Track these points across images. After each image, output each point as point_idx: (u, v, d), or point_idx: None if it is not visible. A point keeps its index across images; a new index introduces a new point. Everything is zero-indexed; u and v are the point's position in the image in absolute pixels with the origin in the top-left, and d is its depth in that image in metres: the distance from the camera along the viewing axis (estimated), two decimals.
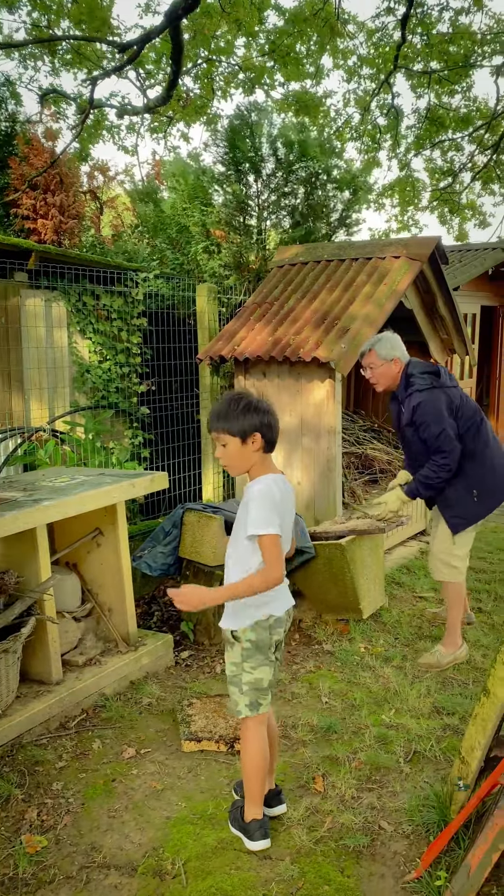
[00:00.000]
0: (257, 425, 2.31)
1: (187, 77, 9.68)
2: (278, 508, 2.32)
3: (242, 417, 2.30)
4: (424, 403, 3.77)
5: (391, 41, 9.18)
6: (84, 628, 3.80)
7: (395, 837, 2.53)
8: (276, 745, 2.65)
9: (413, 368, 3.90)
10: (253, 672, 2.44)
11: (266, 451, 2.37)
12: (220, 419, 2.32)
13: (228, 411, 2.32)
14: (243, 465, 2.38)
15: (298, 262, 5.87)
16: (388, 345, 3.93)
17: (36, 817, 2.65)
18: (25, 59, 10.03)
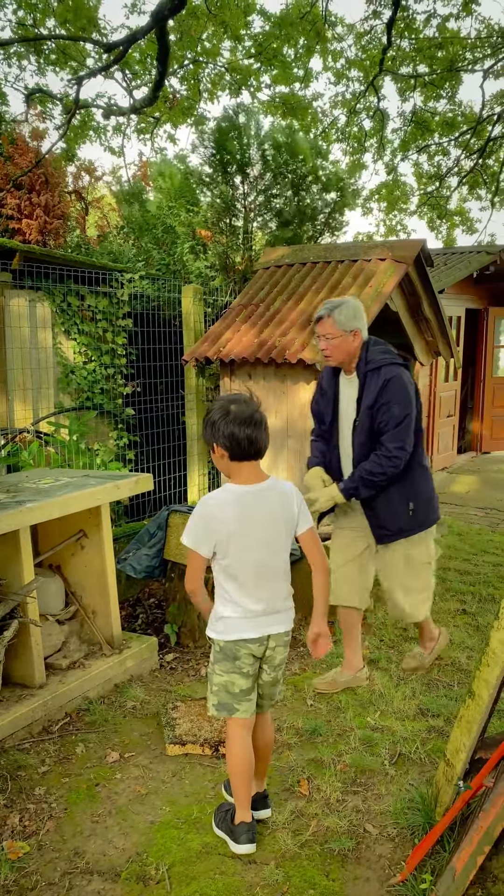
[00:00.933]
0: (218, 435, 2.32)
1: (174, 78, 9.67)
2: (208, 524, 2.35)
3: (211, 426, 2.34)
4: (397, 379, 3.25)
5: (379, 44, 9.21)
6: (68, 631, 3.77)
7: (380, 840, 2.52)
8: (265, 750, 2.64)
9: (376, 345, 3.39)
10: (222, 675, 2.46)
11: (234, 459, 2.34)
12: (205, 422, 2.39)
13: (207, 415, 2.38)
14: (221, 468, 2.42)
15: (284, 264, 5.87)
16: (349, 312, 3.31)
17: (18, 823, 2.62)
18: (11, 57, 9.98)
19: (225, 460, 2.35)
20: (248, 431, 2.30)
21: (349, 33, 9.41)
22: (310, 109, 9.75)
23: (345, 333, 3.29)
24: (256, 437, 2.32)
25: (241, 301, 5.75)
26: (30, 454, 4.99)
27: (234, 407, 2.31)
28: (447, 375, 9.52)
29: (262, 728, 2.61)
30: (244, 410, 2.31)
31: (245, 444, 2.31)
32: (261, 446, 2.35)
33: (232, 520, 2.33)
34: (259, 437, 2.33)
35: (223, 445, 2.32)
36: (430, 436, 9.18)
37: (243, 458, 2.34)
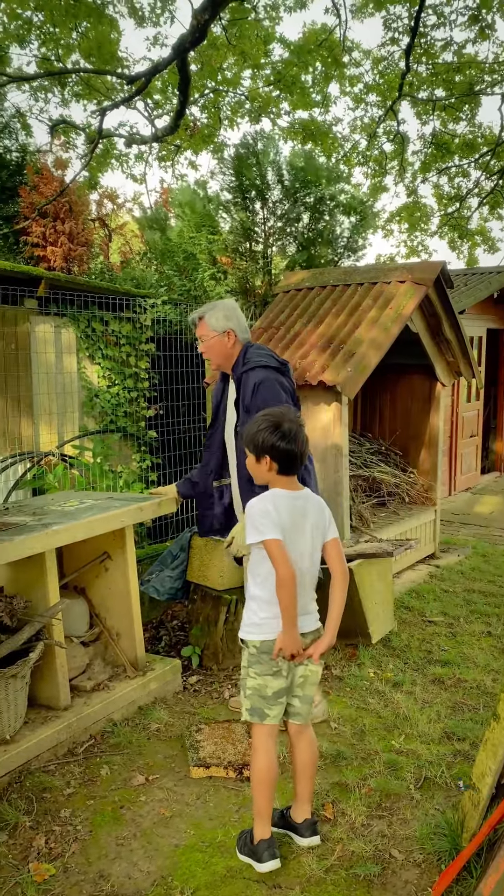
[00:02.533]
0: (268, 448, 2.43)
1: (194, 107, 9.86)
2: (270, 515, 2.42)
3: (261, 440, 2.44)
4: (267, 381, 3.26)
5: (397, 69, 9.33)
6: (92, 653, 3.80)
7: (406, 866, 2.49)
8: (310, 768, 2.63)
9: (259, 349, 3.44)
10: (256, 678, 2.50)
11: (281, 473, 2.47)
12: (246, 431, 2.51)
13: (252, 427, 2.48)
14: (259, 477, 2.54)
15: (304, 287, 5.93)
16: (220, 314, 3.39)
17: (44, 845, 2.63)
18: (36, 91, 10.25)
19: (272, 472, 2.47)
20: (299, 449, 2.45)
21: (365, 58, 9.53)
22: (329, 134, 9.88)
23: (218, 334, 3.38)
24: (304, 454, 2.48)
25: (261, 324, 5.81)
26: (55, 477, 5.06)
27: (287, 425, 2.43)
28: (469, 395, 9.49)
29: (306, 743, 2.62)
30: (293, 429, 2.44)
31: (296, 461, 2.46)
32: (304, 461, 2.50)
33: (285, 518, 2.44)
34: (306, 453, 2.49)
35: (275, 459, 2.44)
36: (454, 456, 9.14)
37: (290, 473, 2.49)
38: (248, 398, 3.29)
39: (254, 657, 2.51)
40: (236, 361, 3.41)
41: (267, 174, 8.28)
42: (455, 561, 6.25)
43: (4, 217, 11.34)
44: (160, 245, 9.08)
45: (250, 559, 2.55)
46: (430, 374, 6.16)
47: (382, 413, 6.82)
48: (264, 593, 2.49)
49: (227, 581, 4.17)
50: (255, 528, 2.43)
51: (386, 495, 6.21)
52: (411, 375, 6.42)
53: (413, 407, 6.53)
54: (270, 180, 8.43)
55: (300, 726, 2.61)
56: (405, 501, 6.26)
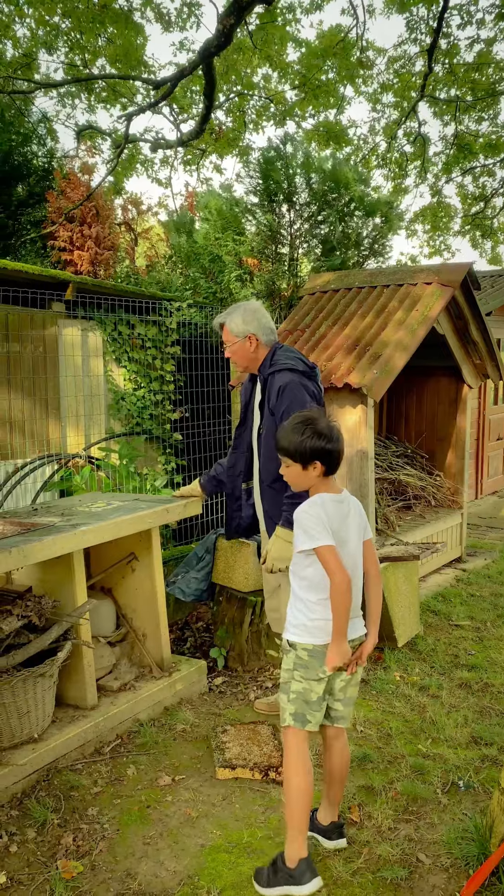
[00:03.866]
0: (318, 453, 2.39)
1: (219, 111, 9.91)
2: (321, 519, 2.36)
3: (304, 444, 2.39)
4: (293, 385, 3.25)
5: (413, 68, 9.30)
6: (119, 653, 3.82)
7: (433, 870, 2.48)
8: (343, 772, 2.59)
9: (283, 350, 3.44)
10: (302, 682, 2.43)
11: (327, 474, 2.45)
12: (284, 441, 2.44)
13: (292, 436, 2.41)
14: (303, 484, 2.48)
15: (330, 290, 5.92)
16: (238, 319, 3.37)
17: (72, 843, 2.66)
18: (63, 97, 10.38)
19: (317, 474, 2.43)
20: (339, 447, 2.43)
21: (379, 56, 9.46)
22: (346, 136, 9.85)
23: (240, 339, 3.37)
24: (343, 451, 2.47)
25: (286, 326, 5.81)
26: (82, 479, 5.11)
27: (323, 424, 2.42)
28: (497, 398, 9.40)
29: (342, 747, 2.59)
30: (331, 427, 2.43)
31: (338, 459, 2.45)
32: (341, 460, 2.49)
33: (336, 523, 2.40)
34: (343, 450, 2.47)
35: (323, 462, 2.41)
36: (480, 459, 9.06)
37: (333, 473, 2.46)
38: (273, 401, 3.27)
39: (301, 661, 2.43)
40: (263, 363, 3.40)
41: (295, 177, 8.28)
42: (482, 565, 6.19)
43: (32, 222, 11.48)
44: (185, 248, 9.13)
45: (293, 562, 2.49)
46: (457, 376, 6.11)
47: (408, 415, 6.78)
48: (312, 595, 2.42)
49: (253, 583, 4.17)
50: (307, 535, 2.37)
51: (412, 498, 6.18)
52: (438, 377, 6.38)
53: (439, 409, 6.49)
54: (298, 183, 8.42)
55: (338, 729, 2.57)
56: (431, 504, 6.22)
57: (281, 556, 3.24)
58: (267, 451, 3.38)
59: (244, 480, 3.71)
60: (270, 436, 3.31)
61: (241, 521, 3.78)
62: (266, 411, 3.36)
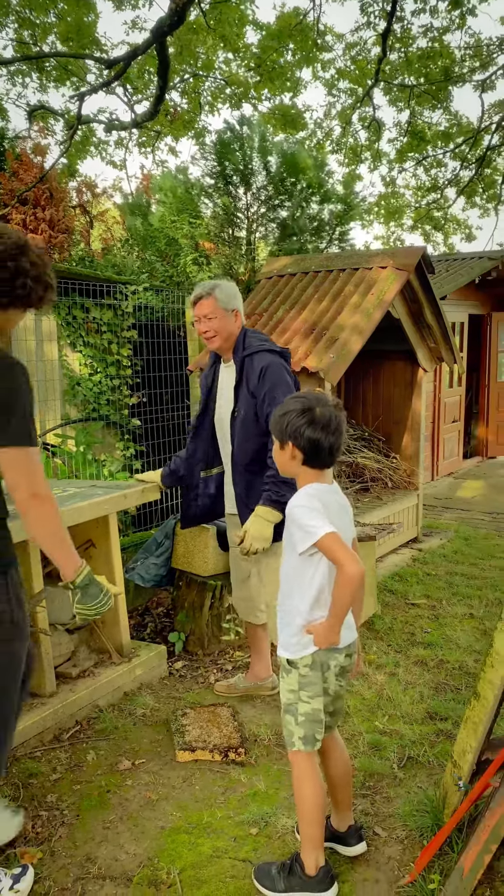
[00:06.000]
0: (293, 434, 2.15)
1: (174, 92, 9.79)
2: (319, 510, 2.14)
3: (285, 421, 2.17)
4: (275, 366, 3.19)
5: (369, 55, 9.32)
6: (77, 640, 3.80)
7: (389, 843, 2.54)
8: (349, 775, 2.47)
9: (253, 333, 3.38)
10: (311, 702, 2.26)
11: (308, 464, 2.18)
12: (272, 417, 2.24)
13: (278, 411, 2.22)
14: (284, 468, 2.26)
15: (287, 274, 5.93)
16: (229, 290, 3.30)
17: (31, 829, 2.65)
18: (13, 75, 10.12)
19: (295, 462, 2.19)
20: (332, 439, 2.15)
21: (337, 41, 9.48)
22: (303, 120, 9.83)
23: (226, 312, 3.27)
24: (338, 446, 2.18)
25: (244, 310, 5.80)
26: None
27: (319, 410, 2.14)
28: (451, 381, 9.55)
29: (341, 749, 2.46)
30: (327, 414, 2.14)
31: (326, 452, 2.16)
32: (338, 455, 2.21)
33: (333, 516, 2.17)
34: (340, 445, 2.18)
35: (300, 448, 2.16)
36: (436, 441, 9.20)
37: (320, 466, 2.20)
38: (255, 382, 3.20)
39: (305, 678, 2.25)
40: (236, 345, 3.33)
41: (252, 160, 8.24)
42: (438, 544, 6.31)
43: None
44: (141, 231, 9.03)
45: (291, 567, 2.25)
46: (413, 360, 6.19)
47: (365, 399, 6.85)
48: (304, 604, 2.22)
49: (212, 567, 4.18)
50: (303, 531, 2.12)
51: (369, 480, 6.25)
52: (394, 361, 6.45)
53: (395, 392, 6.56)
54: (255, 166, 8.38)
55: (332, 735, 2.44)
56: (388, 486, 6.31)
57: (260, 536, 3.21)
58: (243, 433, 3.32)
59: (203, 469, 3.70)
60: (250, 419, 3.28)
61: (196, 509, 3.77)
62: (244, 394, 3.29)
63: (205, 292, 3.27)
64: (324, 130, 10.42)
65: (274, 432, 2.23)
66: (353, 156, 10.54)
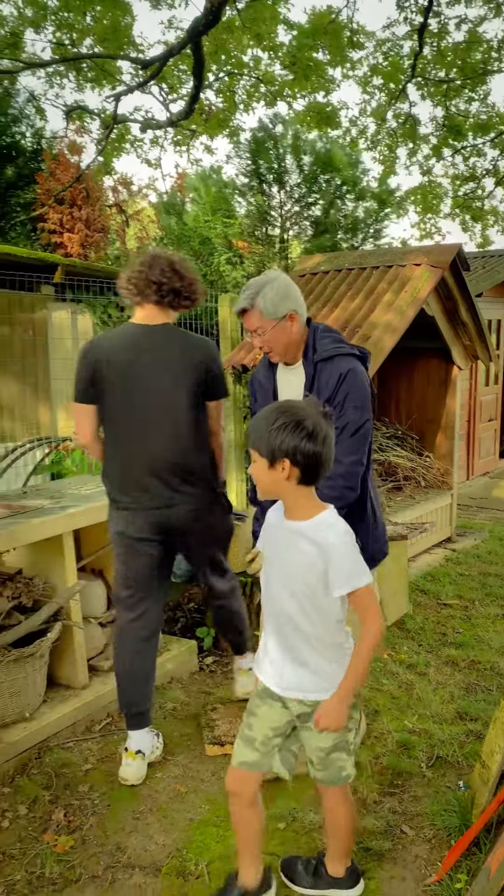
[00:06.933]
0: (289, 450, 1.90)
1: (209, 91, 9.83)
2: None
3: (275, 436, 1.90)
4: (355, 374, 2.67)
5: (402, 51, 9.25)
6: (110, 634, 3.86)
7: (416, 841, 2.54)
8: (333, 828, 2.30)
9: (328, 332, 2.83)
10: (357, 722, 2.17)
11: (303, 482, 1.95)
12: (254, 432, 1.96)
13: (262, 425, 1.94)
14: (271, 489, 1.99)
15: (320, 272, 5.92)
16: (274, 295, 2.69)
17: (63, 818, 2.70)
18: (51, 76, 10.27)
19: (291, 481, 1.95)
20: (329, 452, 1.93)
21: (367, 39, 9.39)
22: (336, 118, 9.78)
23: (277, 321, 2.69)
24: (331, 459, 1.96)
25: None
26: (73, 462, 5.12)
27: (312, 421, 1.91)
28: (487, 379, 9.43)
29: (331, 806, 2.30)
30: (319, 425, 1.91)
31: (323, 468, 1.94)
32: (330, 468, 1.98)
33: None
34: (332, 457, 1.97)
35: (299, 465, 1.91)
36: (471, 440, 9.11)
37: (314, 483, 1.98)
38: (331, 390, 2.65)
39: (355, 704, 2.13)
40: (306, 347, 2.77)
41: (285, 158, 8.24)
42: (471, 545, 6.25)
43: (22, 204, 11.39)
44: (176, 230, 9.08)
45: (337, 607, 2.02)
46: (447, 358, 6.13)
47: (398, 397, 6.80)
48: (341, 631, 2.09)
49: (243, 563, 4.21)
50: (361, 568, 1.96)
51: (402, 479, 6.22)
52: (428, 359, 6.40)
53: (429, 391, 6.51)
54: (288, 164, 8.38)
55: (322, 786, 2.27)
56: (421, 485, 6.26)
57: None
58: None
59: None
60: None
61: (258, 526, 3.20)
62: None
63: (247, 303, 2.73)
64: (358, 127, 10.37)
65: (259, 449, 1.94)
66: (389, 151, 10.47)
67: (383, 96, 9.89)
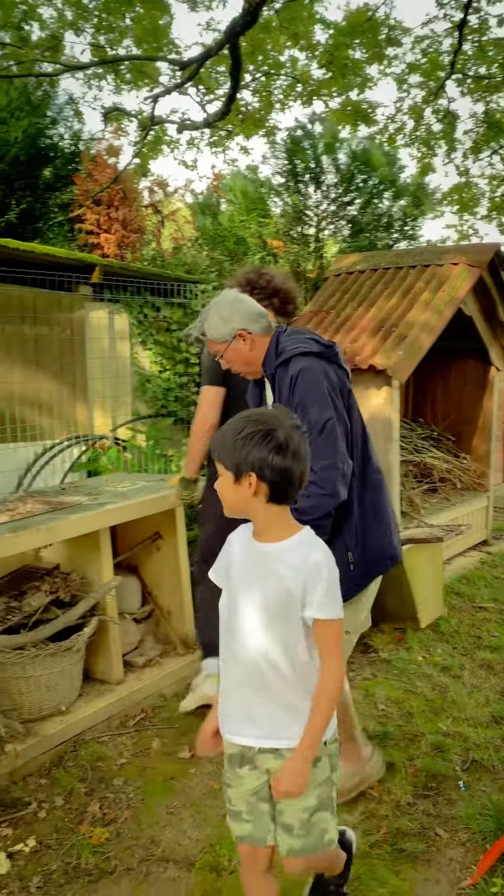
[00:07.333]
0: (255, 463, 1.68)
1: (245, 91, 9.84)
2: None
3: (241, 447, 1.69)
4: (306, 372, 2.46)
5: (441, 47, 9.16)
6: (144, 630, 3.90)
7: (451, 844, 2.52)
8: None
9: (292, 334, 2.61)
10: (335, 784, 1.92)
11: (273, 500, 1.73)
12: (220, 442, 1.75)
13: (229, 435, 1.73)
14: (237, 507, 1.77)
15: (356, 271, 5.90)
16: (216, 318, 2.60)
17: (98, 810, 2.74)
18: (89, 79, 10.37)
19: (258, 499, 1.72)
20: (302, 467, 1.72)
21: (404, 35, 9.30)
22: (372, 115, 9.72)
23: (228, 341, 2.61)
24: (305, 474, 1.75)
25: (311, 308, 5.80)
26: (109, 460, 5.18)
27: (283, 433, 1.69)
28: None
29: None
30: (293, 437, 1.71)
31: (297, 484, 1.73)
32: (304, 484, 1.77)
33: None
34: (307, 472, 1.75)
35: (267, 481, 1.70)
36: None
37: (288, 502, 1.76)
38: (286, 395, 2.49)
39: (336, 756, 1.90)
40: (267, 356, 2.60)
41: (322, 157, 8.23)
42: None
43: (60, 205, 11.54)
44: (211, 230, 9.13)
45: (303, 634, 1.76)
46: (485, 359, 6.06)
47: (435, 398, 6.75)
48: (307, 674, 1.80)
49: None
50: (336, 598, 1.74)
51: (437, 481, 6.16)
52: (465, 359, 6.33)
53: (466, 391, 6.44)
54: (325, 163, 8.37)
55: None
56: (457, 487, 6.20)
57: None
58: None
59: None
60: None
61: None
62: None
63: (197, 333, 2.74)
64: (395, 125, 10.30)
65: (224, 462, 1.73)
66: (427, 149, 10.37)
67: (421, 93, 9.80)
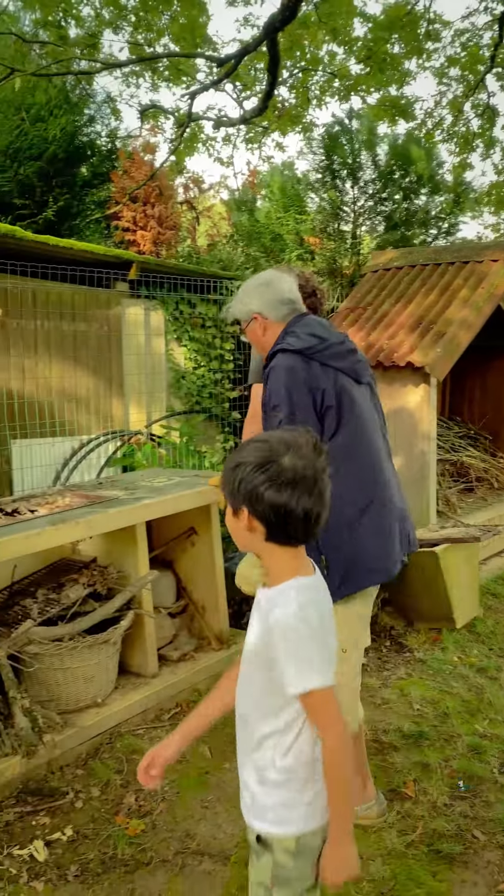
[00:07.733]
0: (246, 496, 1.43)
1: (282, 87, 9.79)
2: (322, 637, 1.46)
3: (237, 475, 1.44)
4: (274, 370, 2.32)
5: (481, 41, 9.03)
6: (179, 625, 3.92)
7: (488, 847, 2.49)
8: None
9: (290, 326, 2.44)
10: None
11: (273, 540, 1.46)
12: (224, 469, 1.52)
13: (228, 460, 1.51)
14: (241, 542, 1.52)
15: (393, 267, 5.85)
16: (237, 300, 2.56)
17: (134, 802, 2.76)
18: (127, 77, 10.43)
19: (256, 536, 1.46)
20: (308, 504, 1.41)
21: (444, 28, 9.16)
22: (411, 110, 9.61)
23: (247, 323, 2.54)
24: (318, 513, 1.44)
25: (347, 304, 5.78)
26: (144, 455, 5.22)
27: (288, 460, 1.41)
28: None
29: None
30: (300, 466, 1.41)
31: (300, 524, 1.42)
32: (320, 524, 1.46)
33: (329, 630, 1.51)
34: (321, 512, 1.44)
35: (259, 517, 1.43)
36: None
37: (292, 543, 1.48)
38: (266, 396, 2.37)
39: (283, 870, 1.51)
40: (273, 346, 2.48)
41: (359, 153, 8.17)
42: None
43: (97, 202, 11.63)
44: (247, 227, 9.12)
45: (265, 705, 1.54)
46: None
47: (472, 396, 6.67)
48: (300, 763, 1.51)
49: None
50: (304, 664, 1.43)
51: (474, 480, 6.09)
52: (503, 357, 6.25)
53: None
54: (362, 159, 8.31)
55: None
56: (494, 487, 6.12)
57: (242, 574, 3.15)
58: None
59: None
60: None
61: None
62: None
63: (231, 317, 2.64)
64: (434, 120, 10.18)
65: (224, 492, 1.50)
66: (465, 144, 10.23)
67: (460, 87, 9.67)
